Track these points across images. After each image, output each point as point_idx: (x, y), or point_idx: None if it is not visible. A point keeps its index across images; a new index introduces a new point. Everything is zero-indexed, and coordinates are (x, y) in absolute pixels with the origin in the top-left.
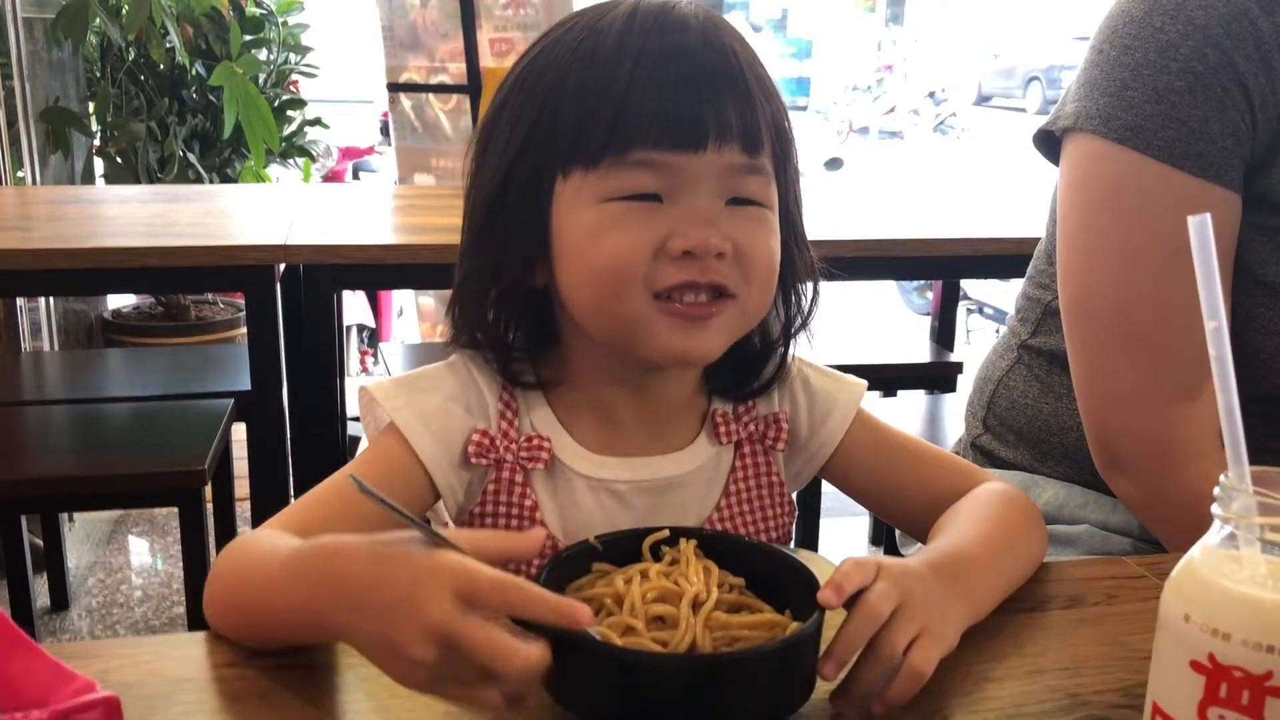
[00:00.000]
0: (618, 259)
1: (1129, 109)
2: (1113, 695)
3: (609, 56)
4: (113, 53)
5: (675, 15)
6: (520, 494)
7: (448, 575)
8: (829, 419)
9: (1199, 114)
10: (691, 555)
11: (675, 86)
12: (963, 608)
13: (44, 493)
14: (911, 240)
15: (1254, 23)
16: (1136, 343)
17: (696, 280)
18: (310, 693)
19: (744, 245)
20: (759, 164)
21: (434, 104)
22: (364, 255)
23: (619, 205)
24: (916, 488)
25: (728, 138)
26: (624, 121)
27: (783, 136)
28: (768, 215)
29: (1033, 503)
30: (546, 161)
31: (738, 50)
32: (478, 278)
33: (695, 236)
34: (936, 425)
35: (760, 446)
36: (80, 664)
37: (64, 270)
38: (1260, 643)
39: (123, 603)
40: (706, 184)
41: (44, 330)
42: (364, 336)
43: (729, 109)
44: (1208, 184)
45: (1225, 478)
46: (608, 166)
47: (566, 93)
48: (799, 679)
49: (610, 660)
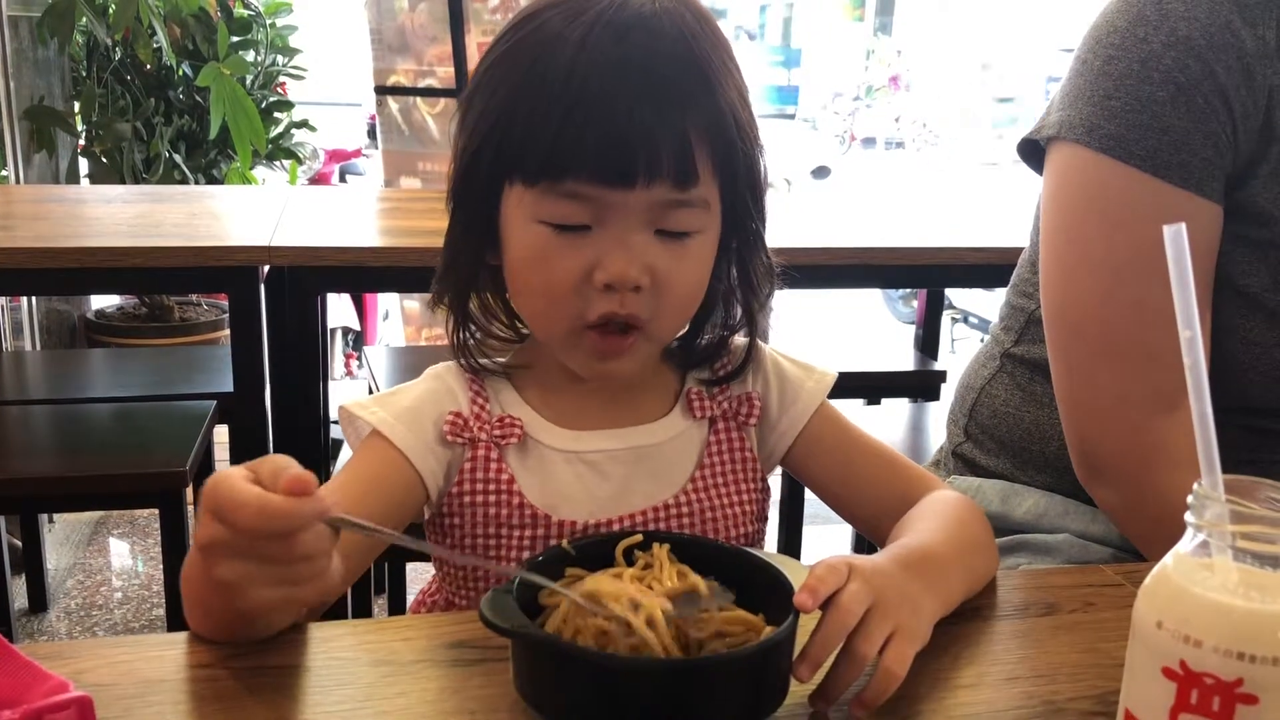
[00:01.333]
0: (548, 287)
1: (1112, 119)
2: (1087, 702)
3: (557, 83)
4: (99, 52)
5: (634, 37)
6: (496, 469)
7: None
8: (796, 403)
9: (1181, 124)
10: (665, 559)
11: (610, 128)
12: (933, 601)
13: (24, 493)
14: (897, 249)
15: (1236, 34)
16: (1118, 352)
17: (616, 313)
18: (287, 694)
19: (663, 276)
20: (691, 197)
21: (421, 107)
22: (349, 258)
23: (549, 232)
24: (871, 486)
25: (658, 175)
26: (559, 153)
27: (730, 150)
28: (696, 244)
29: (983, 514)
30: (497, 165)
31: (691, 69)
32: (450, 249)
33: (614, 270)
34: (920, 434)
35: (734, 423)
36: (54, 664)
37: (46, 270)
38: (1231, 650)
39: (102, 605)
40: (635, 215)
41: (26, 330)
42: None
43: (661, 148)
44: (1189, 194)
45: (1198, 486)
46: (543, 190)
47: (518, 109)
48: (774, 682)
49: (583, 664)
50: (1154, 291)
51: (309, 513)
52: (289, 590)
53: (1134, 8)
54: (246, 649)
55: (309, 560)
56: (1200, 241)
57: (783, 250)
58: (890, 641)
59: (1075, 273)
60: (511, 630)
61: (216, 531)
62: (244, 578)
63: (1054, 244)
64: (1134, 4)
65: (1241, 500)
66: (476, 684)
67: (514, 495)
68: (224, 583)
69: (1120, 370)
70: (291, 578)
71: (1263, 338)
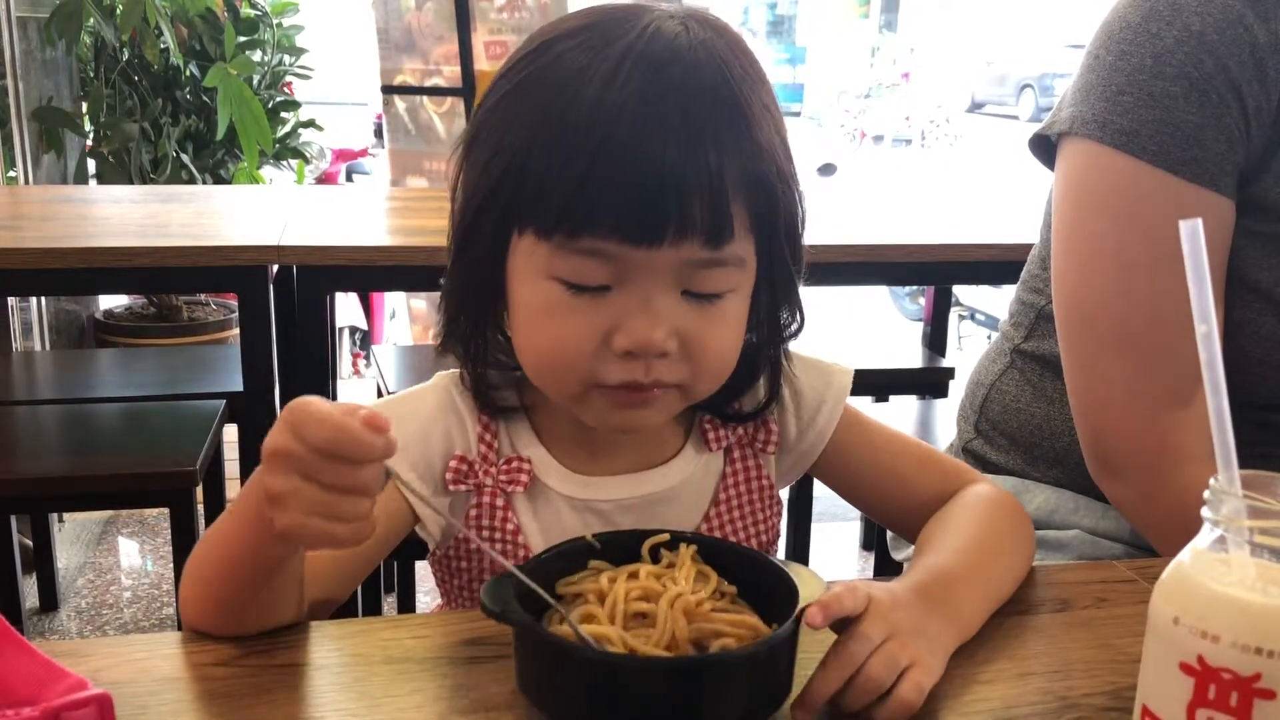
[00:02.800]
0: (559, 350)
1: (1124, 114)
2: (1102, 698)
3: (580, 124)
4: (107, 53)
5: (668, 74)
6: (502, 518)
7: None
8: (817, 418)
9: (1194, 120)
10: (688, 560)
11: (638, 177)
12: (950, 632)
13: (34, 493)
14: (904, 246)
15: (1249, 29)
16: (1131, 347)
17: (639, 381)
18: (301, 692)
19: (694, 339)
20: (724, 255)
21: (428, 106)
22: (357, 257)
23: (563, 290)
24: (904, 486)
25: (690, 233)
26: (578, 207)
27: (770, 200)
28: (729, 304)
29: (1020, 506)
30: (507, 213)
31: (727, 112)
32: (454, 297)
33: (638, 336)
34: (928, 431)
35: (750, 450)
36: (71, 662)
37: (55, 270)
38: (1249, 645)
39: (112, 604)
40: (660, 275)
41: (35, 330)
42: (356, 338)
43: (695, 204)
44: (1202, 189)
45: (1215, 481)
46: (558, 244)
47: (534, 150)
48: (774, 683)
49: (581, 661)
50: (1167, 286)
51: (380, 446)
52: (329, 525)
53: (1146, 3)
54: (261, 647)
55: (361, 496)
56: (1214, 236)
57: None
58: (906, 673)
59: (1087, 268)
60: (503, 614)
61: (288, 442)
62: (296, 493)
63: (1066, 240)
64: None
65: (1259, 495)
66: (491, 681)
67: (519, 547)
68: (273, 495)
69: (1133, 365)
70: (339, 510)
71: (1274, 332)
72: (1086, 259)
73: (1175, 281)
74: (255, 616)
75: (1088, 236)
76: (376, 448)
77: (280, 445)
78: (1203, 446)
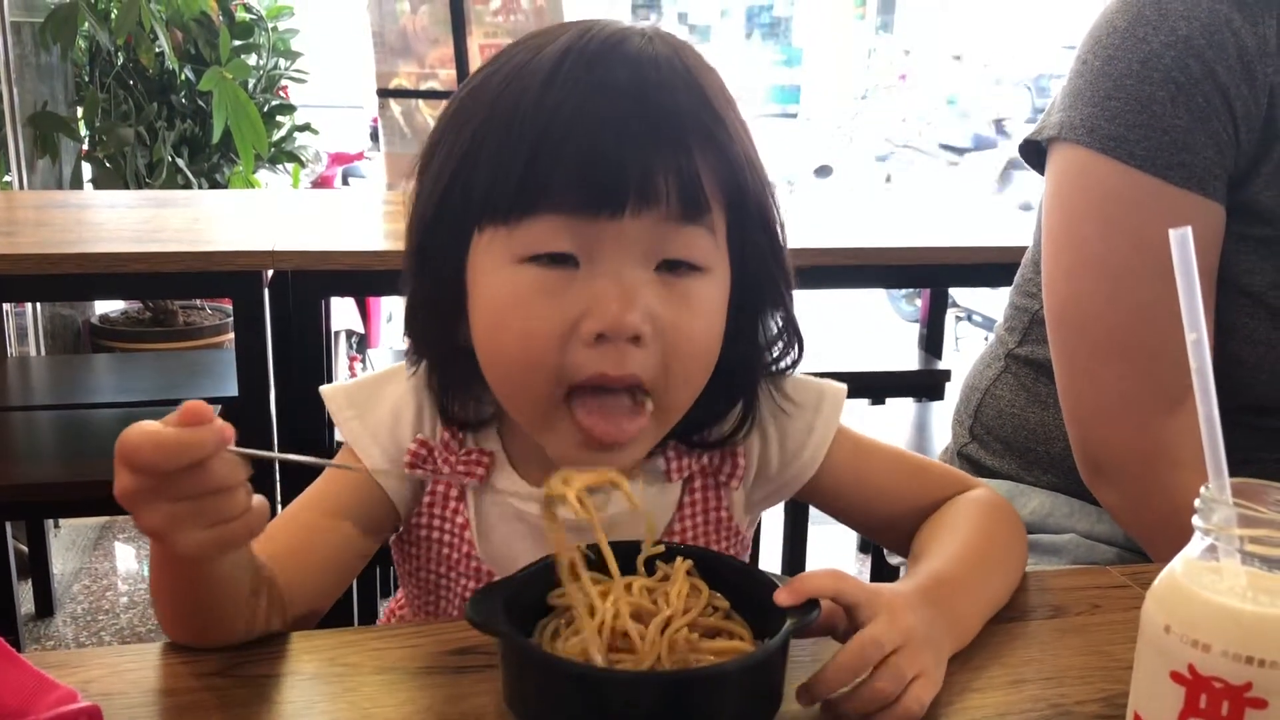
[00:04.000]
0: (526, 343)
1: (1112, 119)
2: (1095, 705)
3: (529, 106)
4: (101, 57)
5: (616, 55)
6: (453, 509)
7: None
8: (803, 450)
9: (1182, 124)
10: (682, 574)
11: (592, 143)
12: (949, 640)
13: (29, 498)
14: (900, 249)
15: (1236, 33)
16: (1120, 352)
17: (608, 374)
18: (291, 701)
19: (669, 325)
20: (696, 224)
21: (424, 110)
22: (353, 261)
23: (530, 272)
24: (895, 502)
25: (653, 200)
26: (531, 180)
27: (738, 182)
28: (704, 284)
29: (1014, 511)
30: (464, 215)
31: (686, 92)
32: (415, 316)
33: (610, 316)
34: (924, 433)
35: (713, 481)
36: (62, 673)
37: (50, 276)
38: (1240, 654)
39: (108, 609)
40: (630, 248)
41: (30, 335)
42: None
43: (658, 168)
44: (1190, 194)
45: (1206, 489)
46: (516, 223)
47: (484, 148)
48: (763, 697)
49: (567, 675)
50: (1156, 291)
51: (208, 440)
52: (218, 530)
53: (1133, 7)
54: (252, 658)
55: (226, 492)
56: (1203, 240)
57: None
58: (910, 685)
59: (1076, 272)
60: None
61: (128, 479)
62: (167, 521)
63: (1055, 245)
64: (1133, 3)
65: (1250, 504)
66: (481, 691)
67: (464, 543)
68: (152, 532)
69: (1122, 370)
70: (214, 514)
71: (1267, 336)
72: (1075, 264)
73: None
74: (224, 630)
75: (1076, 242)
76: (205, 441)
77: (125, 486)
78: (1194, 451)
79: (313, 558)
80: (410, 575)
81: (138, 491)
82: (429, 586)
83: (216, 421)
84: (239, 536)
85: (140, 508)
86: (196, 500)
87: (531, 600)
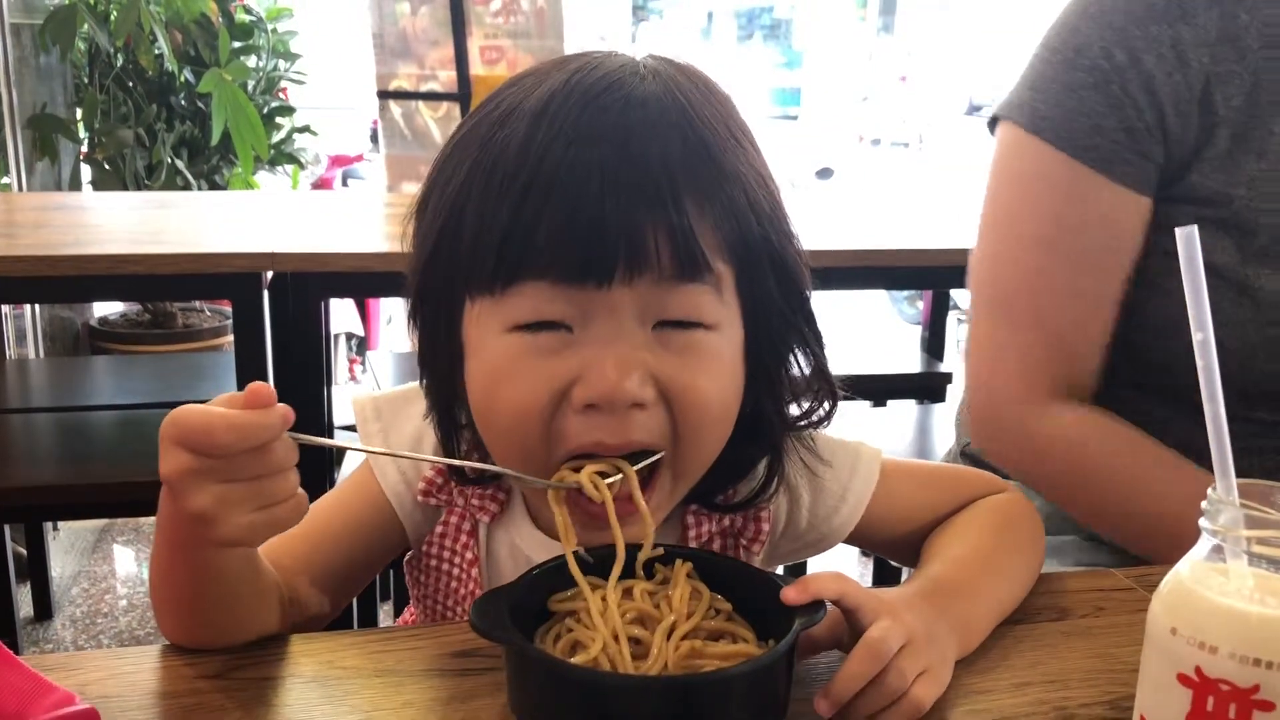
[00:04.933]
0: (514, 414)
1: (1044, 101)
2: (1100, 708)
3: (506, 172)
4: (101, 59)
5: (602, 101)
6: (464, 544)
7: (167, 433)
8: (834, 517)
9: (1098, 110)
10: (683, 578)
11: (575, 205)
12: (953, 641)
13: (28, 501)
14: (901, 250)
15: (1173, 24)
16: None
17: (605, 442)
18: (290, 704)
19: (674, 386)
20: (696, 282)
21: (424, 112)
22: (352, 263)
23: (521, 339)
24: (932, 522)
25: (644, 264)
26: (515, 247)
27: (744, 232)
28: (711, 339)
29: (1032, 512)
30: (453, 281)
31: (681, 137)
32: (424, 368)
33: (603, 385)
34: (926, 435)
35: (733, 542)
36: (60, 676)
37: (49, 278)
38: (1247, 656)
39: (107, 612)
40: (624, 311)
41: (29, 337)
42: (353, 344)
43: (648, 228)
44: (1099, 175)
45: (1213, 490)
46: (503, 293)
47: (468, 206)
48: (770, 702)
49: (573, 681)
50: (1054, 264)
51: (276, 421)
52: (268, 512)
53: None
54: (251, 660)
55: (284, 474)
56: (1102, 222)
57: None
58: (916, 681)
59: (988, 235)
60: (492, 633)
61: (185, 460)
62: (220, 502)
63: (983, 210)
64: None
65: (1256, 505)
66: (484, 694)
67: (471, 580)
68: (200, 514)
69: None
70: (269, 495)
71: (1233, 315)
72: (989, 227)
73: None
74: (224, 631)
75: (995, 208)
76: (274, 423)
77: (181, 466)
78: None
79: (318, 567)
80: (419, 600)
81: (192, 472)
82: (436, 615)
83: (279, 404)
84: (287, 520)
85: (191, 488)
86: (252, 483)
87: (534, 606)
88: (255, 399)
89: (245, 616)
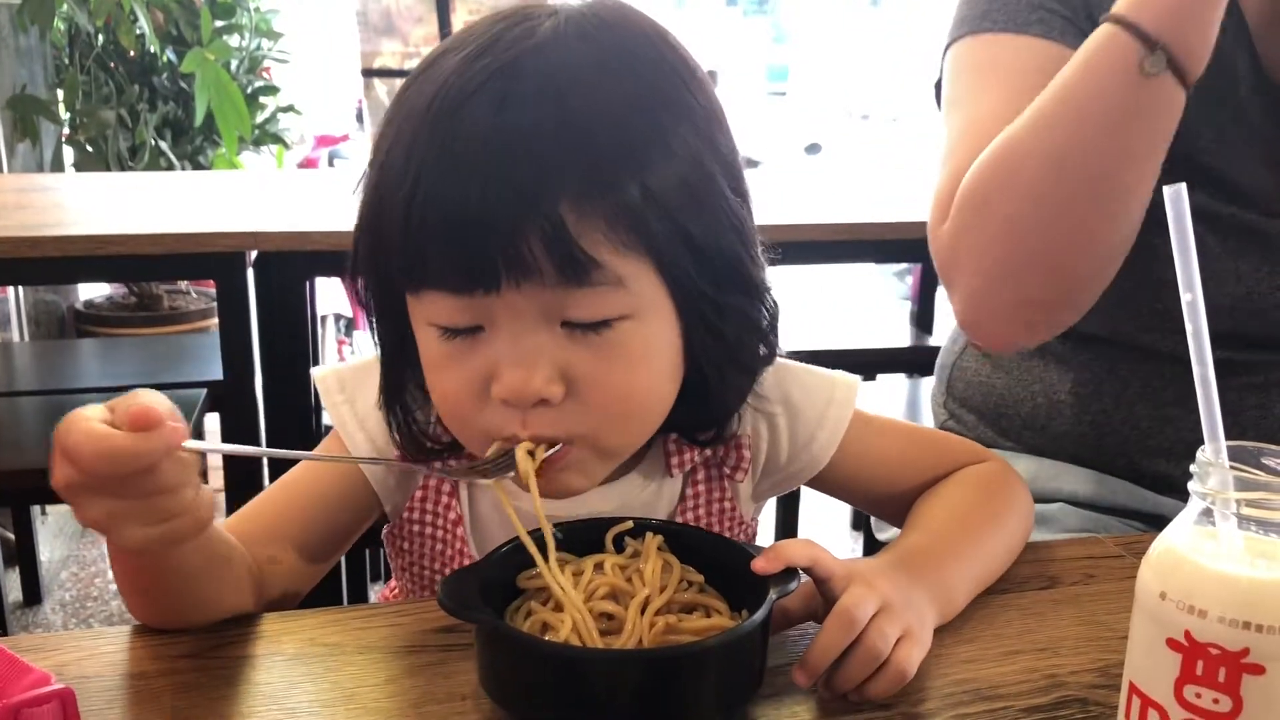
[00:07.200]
0: (449, 402)
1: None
2: (1090, 675)
3: (393, 181)
4: (81, 39)
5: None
6: (446, 504)
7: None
8: (813, 444)
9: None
10: (653, 551)
11: (453, 224)
12: (932, 607)
13: (15, 485)
14: (890, 224)
15: None
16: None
17: (518, 435)
18: (273, 681)
19: (585, 379)
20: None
21: None
22: (337, 241)
23: (441, 336)
24: (910, 480)
25: (527, 273)
26: (404, 260)
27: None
28: (629, 328)
29: (1019, 483)
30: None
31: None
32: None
33: (510, 382)
34: (915, 409)
35: (717, 472)
36: (37, 657)
37: (31, 259)
38: (1236, 619)
39: (97, 596)
40: (524, 312)
41: (13, 321)
42: (340, 326)
43: (523, 240)
44: (1052, 43)
45: (1202, 452)
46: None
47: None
48: (745, 674)
49: (546, 656)
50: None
51: (156, 449)
52: (166, 525)
53: None
54: (232, 638)
55: (171, 493)
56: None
57: (778, 227)
58: (899, 642)
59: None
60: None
61: (71, 474)
62: (110, 516)
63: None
64: None
65: (1244, 467)
66: (466, 669)
67: (457, 539)
68: (94, 526)
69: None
70: (160, 511)
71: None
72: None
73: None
74: (186, 615)
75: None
76: (152, 450)
77: (66, 479)
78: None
79: (289, 541)
80: (404, 569)
81: (79, 486)
82: (424, 581)
83: (167, 424)
84: (185, 533)
85: (79, 501)
86: (140, 500)
87: (503, 582)
88: (138, 421)
89: (208, 599)
